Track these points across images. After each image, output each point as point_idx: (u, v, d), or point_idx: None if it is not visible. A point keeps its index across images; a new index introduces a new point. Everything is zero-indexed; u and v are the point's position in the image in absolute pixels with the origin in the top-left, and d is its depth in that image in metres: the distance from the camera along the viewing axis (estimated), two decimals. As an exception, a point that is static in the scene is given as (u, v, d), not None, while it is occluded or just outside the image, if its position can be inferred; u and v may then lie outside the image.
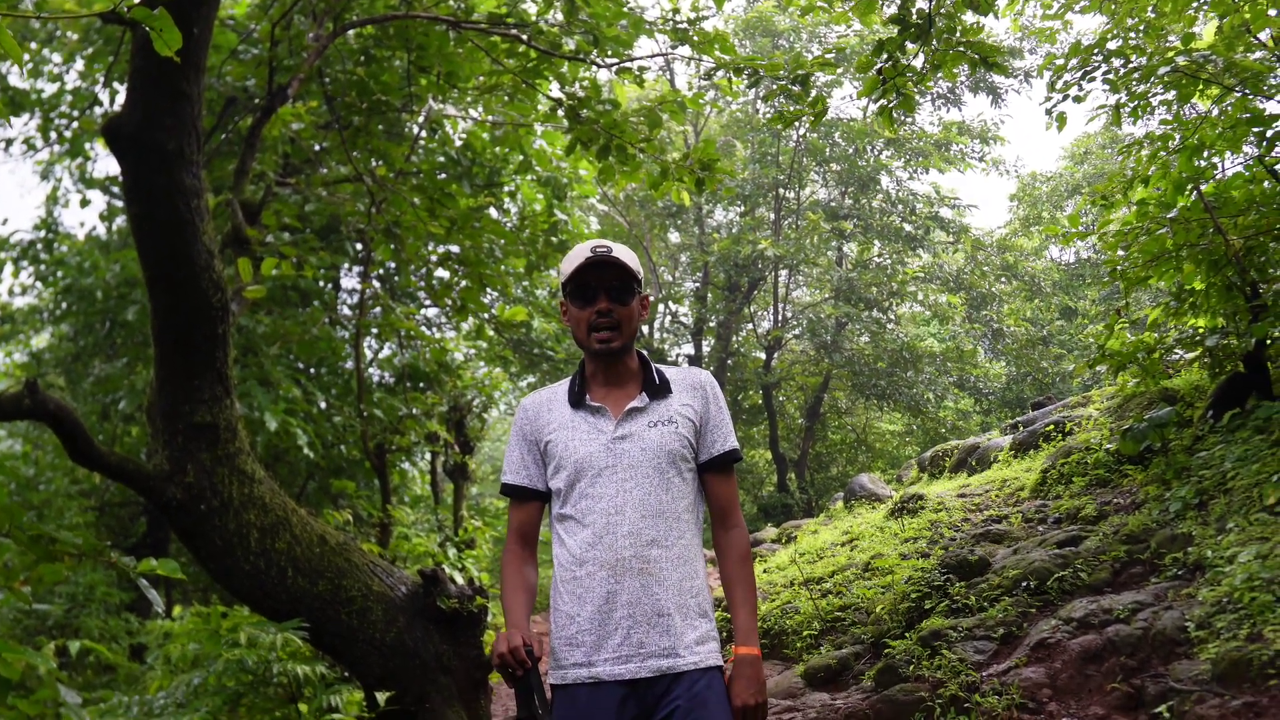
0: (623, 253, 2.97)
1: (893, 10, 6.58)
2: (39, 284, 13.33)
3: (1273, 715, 4.27)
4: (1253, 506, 5.96)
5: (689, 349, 27.18)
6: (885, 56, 6.52)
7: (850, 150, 24.69)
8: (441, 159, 10.77)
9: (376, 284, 12.79)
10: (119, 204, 13.03)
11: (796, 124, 7.50)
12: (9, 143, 11.77)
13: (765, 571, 10.31)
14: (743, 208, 25.41)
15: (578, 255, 2.97)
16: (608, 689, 2.78)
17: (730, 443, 3.05)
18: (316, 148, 9.92)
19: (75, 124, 11.42)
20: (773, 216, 25.33)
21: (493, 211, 10.92)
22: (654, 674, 2.78)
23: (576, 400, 3.01)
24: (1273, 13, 7.22)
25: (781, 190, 24.88)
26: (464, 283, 10.28)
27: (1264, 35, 7.61)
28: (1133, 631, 5.40)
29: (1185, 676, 4.84)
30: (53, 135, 11.63)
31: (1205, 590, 5.43)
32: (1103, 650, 5.40)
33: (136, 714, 5.27)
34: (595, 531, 2.87)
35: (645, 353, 3.15)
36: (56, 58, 11.54)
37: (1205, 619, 5.16)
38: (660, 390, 3.01)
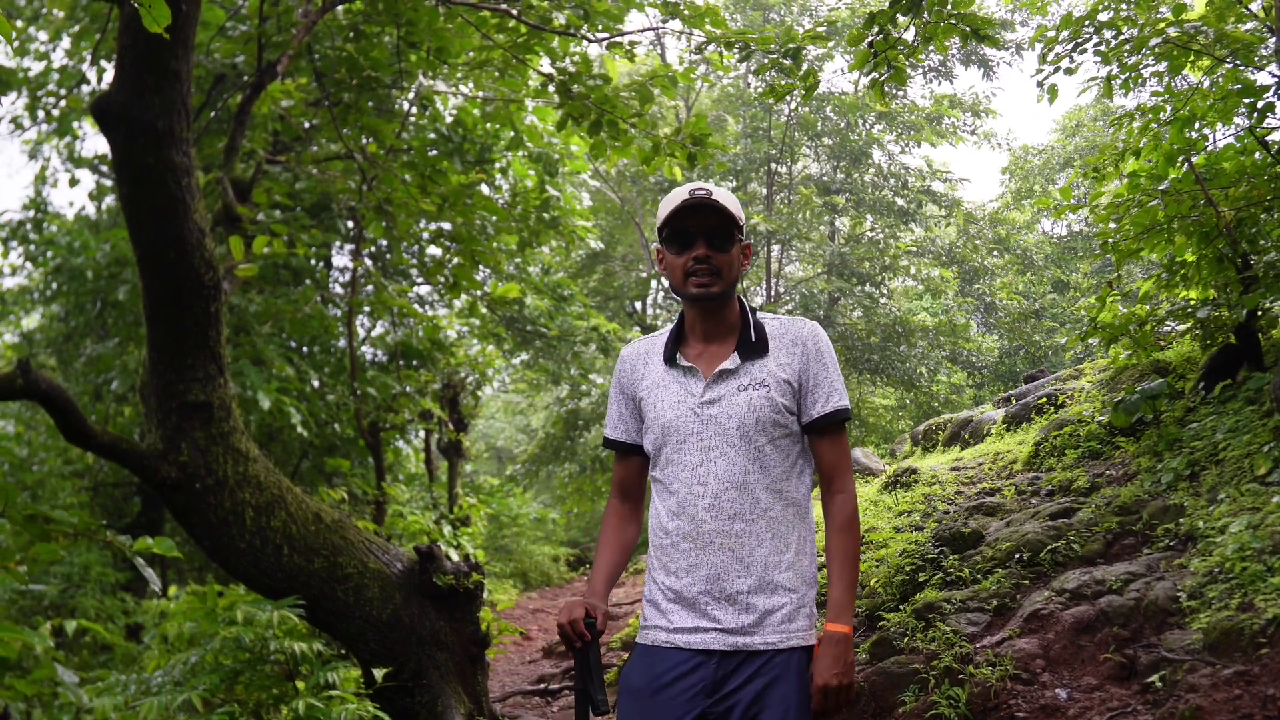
0: (723, 196, 2.78)
1: (884, -18, 6.56)
2: (29, 264, 13.27)
3: (1264, 683, 4.30)
4: (1244, 477, 5.98)
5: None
6: (876, 29, 6.49)
7: (842, 124, 24.61)
8: (432, 135, 10.73)
9: (368, 262, 12.76)
10: (108, 183, 12.97)
11: (788, 98, 7.47)
12: (-4, 122, 11.73)
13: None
14: (734, 183, 25.35)
15: (675, 198, 2.78)
16: (682, 655, 2.75)
17: (835, 401, 2.83)
18: (306, 125, 9.87)
19: (63, 102, 11.34)
20: (765, 191, 25.27)
21: (484, 188, 10.91)
22: (728, 649, 2.72)
23: (670, 357, 2.88)
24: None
25: (773, 165, 24.81)
26: (456, 260, 10.27)
27: (1255, 5, 7.59)
28: (1125, 602, 5.43)
29: (1177, 646, 4.87)
30: (40, 114, 11.55)
31: (1197, 560, 5.45)
32: (1095, 621, 5.43)
33: (134, 693, 5.27)
34: (679, 501, 2.78)
35: (747, 302, 2.97)
36: (43, 35, 11.46)
37: (1197, 589, 5.19)
38: (756, 349, 2.82)
